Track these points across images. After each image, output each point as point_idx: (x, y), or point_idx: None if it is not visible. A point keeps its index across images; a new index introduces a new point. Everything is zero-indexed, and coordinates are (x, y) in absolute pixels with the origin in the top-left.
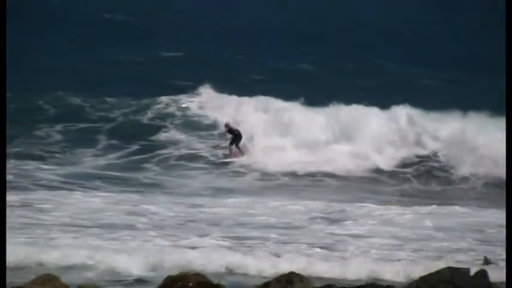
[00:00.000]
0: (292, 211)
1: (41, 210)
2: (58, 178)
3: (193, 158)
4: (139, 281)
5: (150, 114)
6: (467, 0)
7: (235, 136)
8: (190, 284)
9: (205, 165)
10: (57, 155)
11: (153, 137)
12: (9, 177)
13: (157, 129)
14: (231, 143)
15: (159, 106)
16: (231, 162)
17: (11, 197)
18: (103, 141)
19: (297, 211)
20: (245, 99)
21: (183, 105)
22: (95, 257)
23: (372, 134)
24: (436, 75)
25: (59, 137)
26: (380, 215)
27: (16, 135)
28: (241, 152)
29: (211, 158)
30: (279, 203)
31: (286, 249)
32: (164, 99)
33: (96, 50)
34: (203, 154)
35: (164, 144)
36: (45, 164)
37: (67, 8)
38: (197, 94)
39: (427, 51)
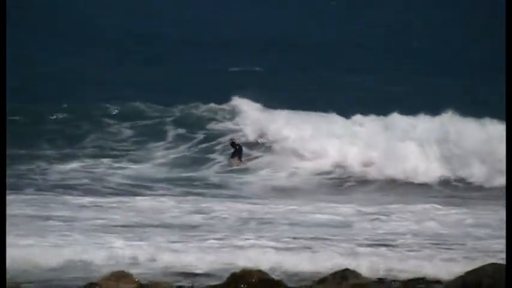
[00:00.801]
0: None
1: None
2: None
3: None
4: (204, 277)
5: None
6: None
7: (237, 149)
8: (253, 281)
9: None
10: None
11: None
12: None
13: (212, 120)
14: (233, 156)
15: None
16: None
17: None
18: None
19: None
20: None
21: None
22: (160, 255)
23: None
24: None
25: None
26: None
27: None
28: (244, 163)
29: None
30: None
31: (342, 247)
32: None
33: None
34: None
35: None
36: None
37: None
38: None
39: None
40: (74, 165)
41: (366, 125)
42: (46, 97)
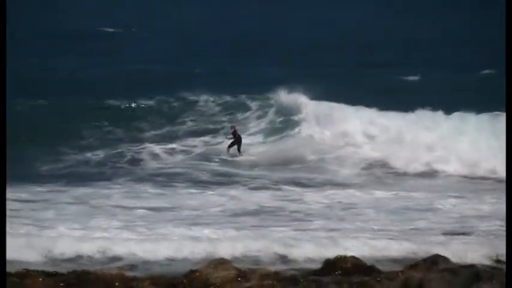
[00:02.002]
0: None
1: None
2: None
3: None
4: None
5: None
6: None
7: (236, 139)
8: (347, 266)
9: None
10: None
11: None
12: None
13: None
14: (231, 145)
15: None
16: None
17: None
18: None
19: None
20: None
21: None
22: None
23: None
24: None
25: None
26: None
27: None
28: (240, 153)
29: None
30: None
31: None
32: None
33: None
34: None
35: None
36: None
37: None
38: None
39: None
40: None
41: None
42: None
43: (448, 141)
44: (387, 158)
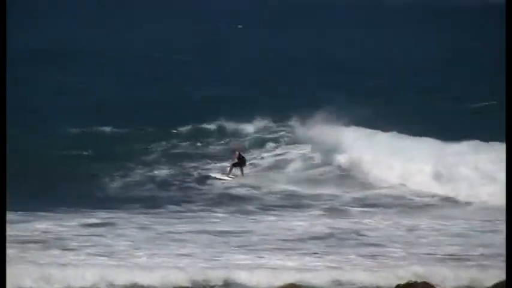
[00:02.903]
0: None
1: None
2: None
3: None
4: None
5: None
6: None
7: (240, 161)
8: None
9: None
10: None
11: None
12: None
13: None
14: (234, 165)
15: None
16: None
17: None
18: None
19: None
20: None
21: None
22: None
23: None
24: None
25: None
26: None
27: None
28: (243, 174)
29: None
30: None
31: None
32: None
33: None
34: None
35: None
36: None
37: None
38: None
39: None
40: None
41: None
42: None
43: None
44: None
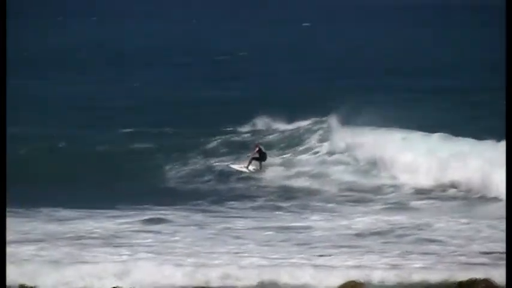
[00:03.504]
0: None
1: None
2: None
3: None
4: None
5: None
6: None
7: (261, 155)
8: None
9: None
10: None
11: None
12: None
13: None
14: (254, 158)
15: None
16: None
17: None
18: None
19: None
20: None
21: None
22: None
23: None
24: None
25: None
26: None
27: None
28: (262, 169)
29: None
30: None
31: None
32: None
33: None
34: None
35: None
36: None
37: None
38: None
39: None
40: None
41: None
42: None
43: None
44: None
